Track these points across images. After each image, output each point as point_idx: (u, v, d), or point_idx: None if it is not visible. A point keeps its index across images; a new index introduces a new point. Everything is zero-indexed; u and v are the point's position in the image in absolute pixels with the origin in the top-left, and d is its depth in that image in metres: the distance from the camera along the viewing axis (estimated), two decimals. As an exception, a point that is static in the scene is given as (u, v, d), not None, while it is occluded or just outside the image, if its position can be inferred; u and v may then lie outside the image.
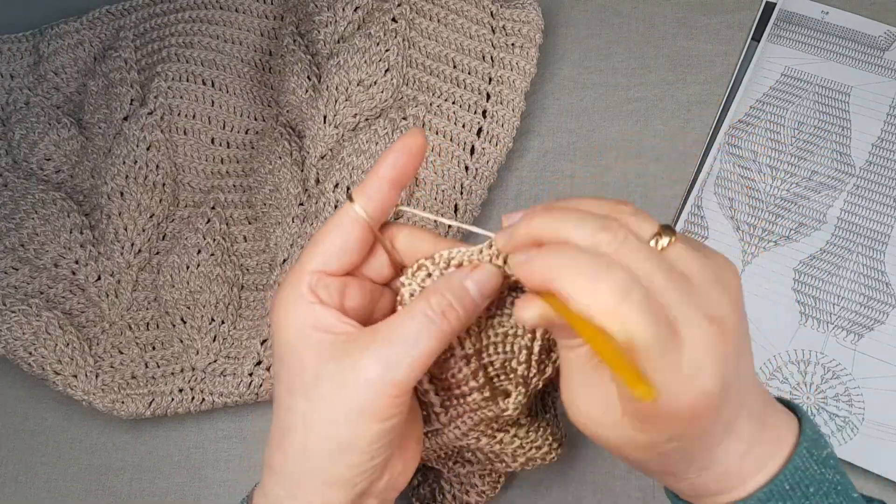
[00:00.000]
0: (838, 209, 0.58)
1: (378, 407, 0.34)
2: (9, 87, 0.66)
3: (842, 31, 0.62)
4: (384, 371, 0.34)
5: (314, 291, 0.36)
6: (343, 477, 0.35)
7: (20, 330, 0.56)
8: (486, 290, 0.36)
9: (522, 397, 0.40)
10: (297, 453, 0.35)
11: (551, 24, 0.65)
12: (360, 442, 0.35)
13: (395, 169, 0.37)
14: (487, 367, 0.40)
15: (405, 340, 0.34)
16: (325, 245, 0.37)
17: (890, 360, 0.54)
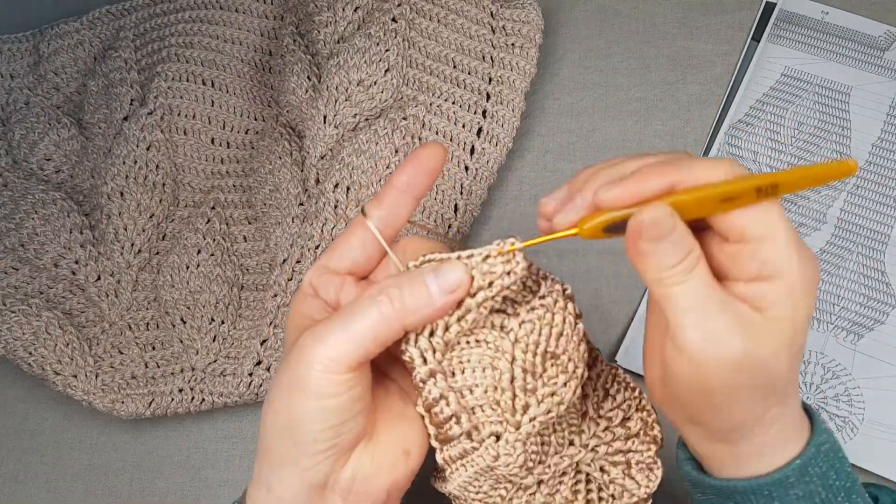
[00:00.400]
0: (838, 209, 0.58)
1: (313, 384, 0.34)
2: (9, 87, 0.66)
3: (842, 32, 0.62)
4: (317, 347, 0.34)
5: (312, 285, 0.38)
6: (292, 456, 0.35)
7: (20, 330, 0.56)
8: (447, 286, 0.35)
9: (518, 444, 0.37)
10: (261, 431, 0.36)
11: (551, 24, 0.65)
12: (301, 419, 0.34)
13: (402, 176, 0.38)
14: (463, 392, 0.37)
15: (343, 318, 0.35)
16: (334, 245, 0.39)
17: (890, 360, 0.54)
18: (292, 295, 0.57)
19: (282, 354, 0.56)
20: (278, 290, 0.57)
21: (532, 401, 0.36)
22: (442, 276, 0.35)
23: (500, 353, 0.36)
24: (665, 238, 0.33)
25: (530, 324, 0.36)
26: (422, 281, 0.35)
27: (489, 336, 0.37)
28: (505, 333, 0.37)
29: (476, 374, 0.37)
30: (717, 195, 0.33)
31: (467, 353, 0.37)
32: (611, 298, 0.58)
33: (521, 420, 0.37)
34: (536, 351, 0.36)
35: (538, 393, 0.37)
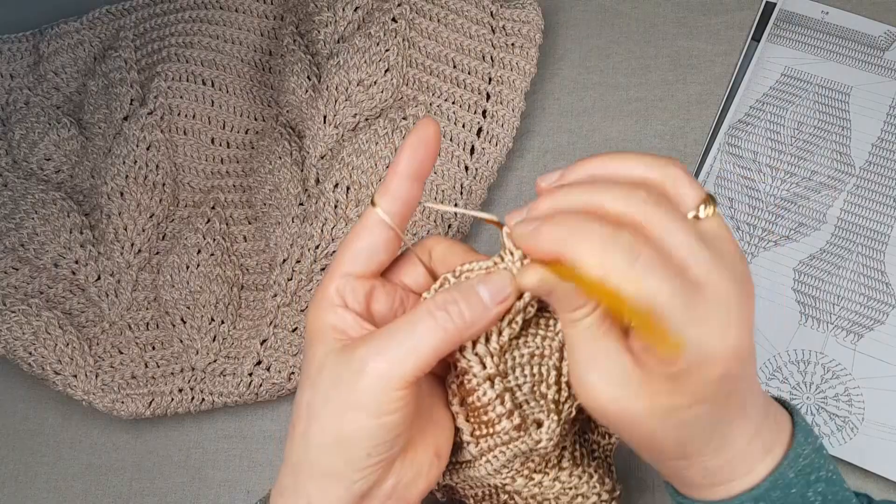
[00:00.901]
0: (838, 209, 0.58)
1: (371, 401, 0.34)
2: (9, 87, 0.66)
3: (842, 31, 0.62)
4: (377, 363, 0.34)
5: (341, 295, 0.37)
6: (340, 471, 0.35)
7: (20, 330, 0.56)
8: (499, 295, 0.36)
9: (556, 426, 0.39)
10: (300, 443, 0.36)
11: (551, 24, 0.65)
12: (355, 436, 0.34)
13: (413, 163, 0.37)
14: (514, 391, 0.38)
15: (402, 334, 0.35)
16: (353, 248, 0.37)
17: (890, 360, 0.54)
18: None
19: (282, 354, 0.56)
20: (278, 290, 0.57)
21: (573, 391, 0.38)
22: (492, 286, 0.36)
23: (548, 352, 0.38)
24: (552, 292, 0.34)
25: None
26: (475, 293, 0.35)
27: (537, 338, 0.38)
28: (553, 334, 0.38)
29: (526, 372, 0.38)
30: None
31: (518, 354, 0.38)
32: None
33: (563, 409, 0.39)
34: None
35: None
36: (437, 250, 0.39)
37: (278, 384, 0.55)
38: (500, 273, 0.36)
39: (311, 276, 0.57)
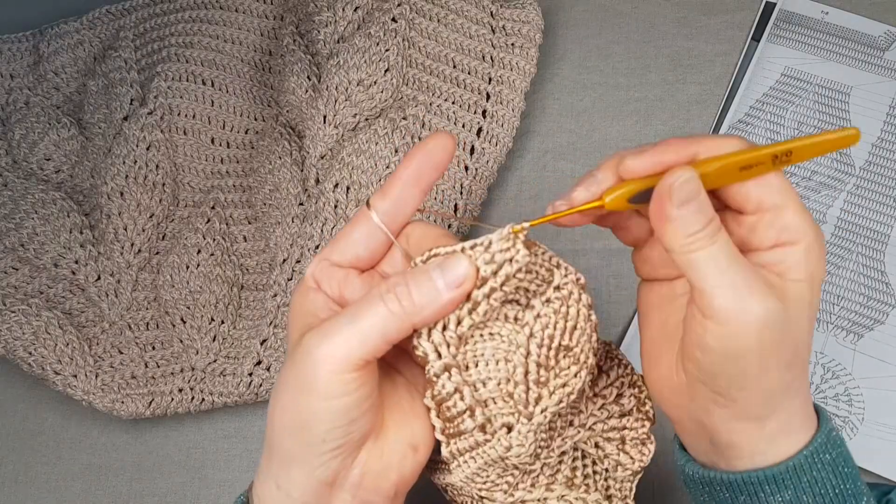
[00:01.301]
0: (838, 209, 0.58)
1: (320, 384, 0.34)
2: (9, 87, 0.66)
3: (842, 31, 0.62)
4: (324, 346, 0.34)
5: (316, 279, 0.37)
6: (300, 455, 0.35)
7: (20, 330, 0.56)
8: (454, 280, 0.35)
9: (528, 431, 0.37)
10: (268, 425, 0.36)
11: (551, 23, 0.65)
12: (309, 420, 0.34)
13: (416, 174, 0.37)
14: (476, 385, 0.36)
15: (348, 317, 0.34)
16: (338, 238, 0.38)
17: (890, 360, 0.54)
18: (292, 293, 0.57)
19: (282, 354, 0.56)
20: (278, 290, 0.57)
21: (545, 392, 0.36)
22: (448, 270, 0.35)
23: (514, 346, 0.36)
24: (692, 201, 0.34)
25: (546, 318, 0.36)
26: (428, 277, 0.35)
27: (503, 329, 0.36)
28: (520, 327, 0.36)
29: (490, 367, 0.36)
30: (737, 163, 0.34)
31: (481, 346, 0.36)
32: (611, 298, 0.58)
33: (534, 411, 0.37)
34: (551, 345, 0.36)
35: (550, 384, 0.37)
36: (414, 235, 0.38)
37: (278, 384, 0.55)
38: (457, 257, 0.35)
39: (311, 276, 0.57)
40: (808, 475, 0.35)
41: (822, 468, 0.35)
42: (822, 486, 0.35)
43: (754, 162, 0.35)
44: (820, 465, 0.35)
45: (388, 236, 0.38)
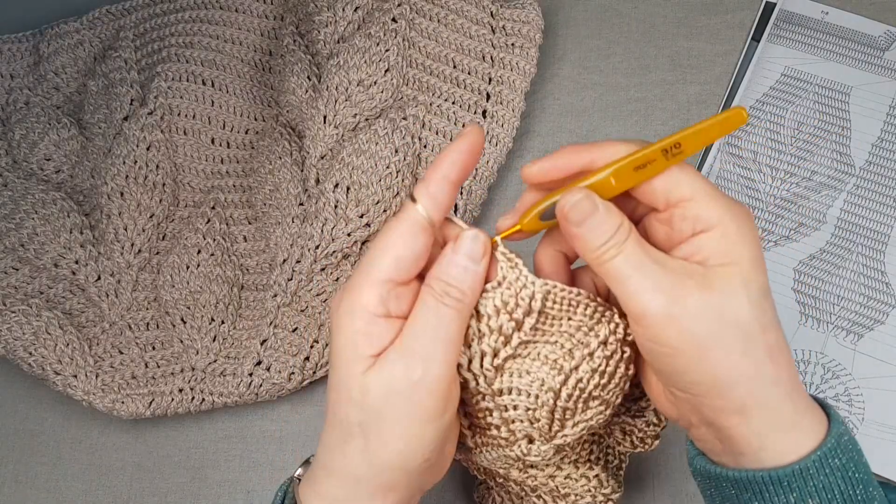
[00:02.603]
0: (838, 209, 0.58)
1: (432, 407, 0.35)
2: (9, 87, 0.66)
3: (842, 31, 0.62)
4: (432, 370, 0.35)
5: (385, 304, 0.36)
6: (402, 482, 0.37)
7: (20, 330, 0.56)
8: (475, 254, 0.36)
9: (548, 449, 0.39)
10: (358, 460, 0.36)
11: (551, 24, 0.65)
12: (418, 447, 0.36)
13: (457, 168, 0.36)
14: (508, 408, 0.38)
15: (432, 331, 0.35)
16: (396, 252, 0.36)
17: (890, 361, 0.54)
18: (292, 295, 0.57)
19: (282, 354, 0.56)
20: (278, 290, 0.57)
21: (568, 424, 0.38)
22: (464, 251, 0.36)
23: (546, 388, 0.38)
24: (589, 218, 0.35)
25: (584, 373, 0.37)
26: (456, 264, 0.36)
27: (541, 371, 0.38)
28: (556, 373, 0.37)
29: (522, 398, 0.38)
30: (629, 165, 0.35)
31: (517, 381, 0.38)
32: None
33: (555, 437, 0.39)
34: (581, 396, 0.38)
35: (575, 418, 0.38)
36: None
37: (278, 384, 0.55)
38: (463, 235, 0.36)
39: (311, 276, 0.57)
40: (814, 479, 0.35)
41: (830, 473, 0.35)
42: (830, 491, 0.35)
43: (645, 161, 0.35)
44: (828, 469, 0.35)
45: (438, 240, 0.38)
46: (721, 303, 0.34)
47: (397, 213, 0.36)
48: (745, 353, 0.34)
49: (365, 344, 0.35)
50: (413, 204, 0.36)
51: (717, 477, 0.37)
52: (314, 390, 0.58)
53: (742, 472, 0.36)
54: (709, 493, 0.39)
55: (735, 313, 0.34)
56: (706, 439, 0.38)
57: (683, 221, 0.36)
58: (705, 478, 0.39)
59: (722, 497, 0.38)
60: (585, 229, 0.35)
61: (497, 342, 0.37)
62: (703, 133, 0.36)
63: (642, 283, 0.34)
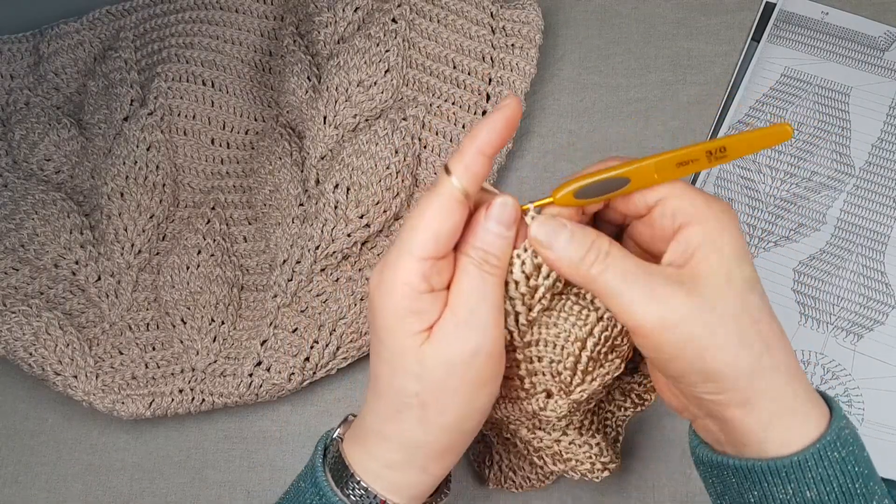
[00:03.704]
0: (838, 209, 0.58)
1: (489, 376, 0.37)
2: (9, 87, 0.66)
3: (842, 32, 0.62)
4: (478, 342, 0.36)
5: (428, 280, 0.36)
6: (458, 444, 0.39)
7: (20, 330, 0.56)
8: (507, 220, 0.37)
9: (564, 405, 0.41)
10: (415, 428, 0.38)
11: (551, 24, 0.65)
12: (475, 412, 0.38)
13: (494, 140, 0.36)
14: (534, 360, 0.41)
15: (480, 304, 0.36)
16: (434, 228, 0.36)
17: (890, 361, 0.54)
18: (292, 296, 0.57)
19: (282, 354, 0.56)
20: (278, 291, 0.57)
21: (587, 378, 0.41)
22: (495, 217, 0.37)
23: (572, 338, 0.39)
24: (558, 237, 0.36)
25: (607, 321, 0.40)
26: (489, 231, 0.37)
27: (567, 322, 0.39)
28: (582, 324, 0.39)
29: (548, 349, 0.40)
30: (673, 159, 0.37)
31: (545, 332, 0.40)
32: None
33: (574, 391, 0.41)
34: (606, 344, 0.40)
35: (594, 373, 0.41)
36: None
37: (278, 385, 0.55)
38: (496, 201, 0.37)
39: (311, 276, 0.57)
40: (813, 471, 0.35)
41: (829, 465, 0.35)
42: (828, 483, 0.35)
43: (688, 158, 0.37)
44: (827, 462, 0.35)
45: (492, 189, 0.38)
46: (710, 301, 0.35)
47: (432, 187, 0.36)
48: (742, 345, 0.35)
49: (415, 320, 0.36)
50: (448, 177, 0.36)
51: (720, 465, 0.38)
52: (314, 391, 0.58)
53: (743, 462, 0.37)
54: (710, 480, 0.40)
55: (724, 309, 0.35)
56: (710, 431, 0.39)
57: (664, 218, 0.37)
58: (708, 466, 0.39)
59: (724, 485, 0.38)
60: (559, 250, 0.36)
61: (529, 302, 0.39)
62: (748, 142, 0.37)
63: (634, 296, 0.35)
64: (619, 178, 0.37)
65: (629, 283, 0.35)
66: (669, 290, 0.35)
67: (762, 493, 0.36)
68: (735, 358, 0.35)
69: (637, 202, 0.38)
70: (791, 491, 0.35)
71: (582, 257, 0.36)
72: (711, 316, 0.35)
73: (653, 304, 0.34)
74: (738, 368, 0.35)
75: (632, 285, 0.35)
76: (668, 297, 0.34)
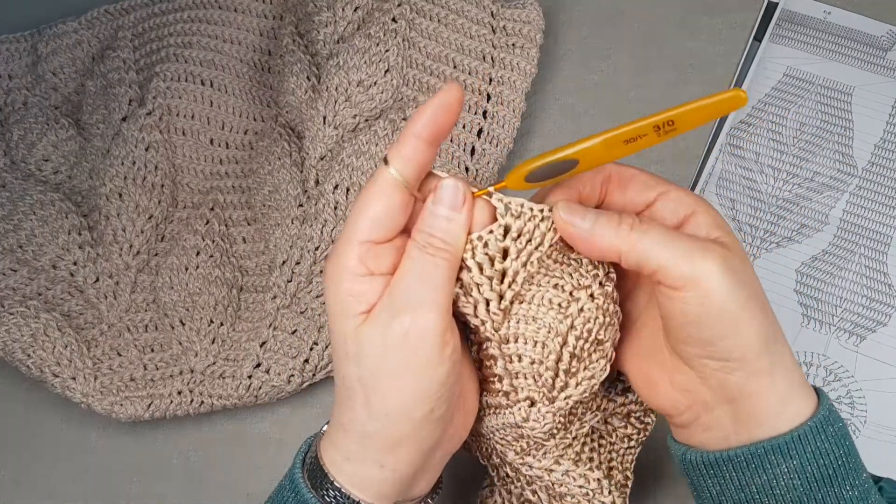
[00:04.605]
0: (840, 210, 0.58)
1: (426, 357, 0.36)
2: (7, 87, 0.66)
3: (844, 31, 0.62)
4: (420, 319, 0.35)
5: (365, 264, 0.36)
6: (409, 435, 0.37)
7: (18, 332, 0.56)
8: (455, 202, 0.37)
9: (549, 414, 0.39)
10: (362, 415, 0.37)
11: (552, 24, 0.64)
12: (417, 397, 0.36)
13: (429, 126, 0.36)
14: (513, 359, 0.39)
15: (419, 283, 0.36)
16: (370, 213, 0.36)
17: (892, 362, 0.54)
18: (291, 297, 0.57)
19: (281, 356, 0.56)
20: (278, 292, 0.57)
21: (571, 382, 0.39)
22: (444, 200, 0.37)
23: (553, 333, 0.38)
24: (587, 212, 0.37)
25: (589, 312, 0.38)
26: (436, 215, 0.37)
27: (547, 316, 0.38)
28: (563, 316, 0.38)
29: (528, 346, 0.38)
30: (619, 137, 0.36)
31: (523, 327, 0.38)
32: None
33: (557, 397, 0.39)
34: (588, 338, 0.38)
35: (579, 375, 0.39)
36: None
37: (277, 387, 0.55)
38: (442, 183, 0.37)
39: (310, 277, 0.57)
40: (812, 445, 0.36)
41: (825, 439, 0.36)
42: (826, 456, 0.36)
43: (636, 134, 0.36)
44: (824, 436, 0.36)
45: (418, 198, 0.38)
46: (742, 270, 0.36)
47: (371, 177, 0.37)
48: (765, 313, 0.36)
49: (353, 302, 0.36)
50: (385, 167, 0.36)
51: (720, 462, 0.38)
52: (314, 393, 0.58)
53: (743, 449, 0.37)
54: (705, 484, 0.39)
55: (750, 279, 0.36)
56: (717, 424, 0.38)
57: (667, 210, 0.38)
58: (703, 468, 0.39)
59: (721, 485, 0.38)
60: (592, 224, 0.36)
61: (499, 288, 0.38)
62: (698, 112, 0.36)
63: (674, 251, 0.35)
64: (568, 159, 0.36)
65: (675, 238, 0.36)
66: (702, 247, 0.35)
67: (768, 477, 0.36)
68: (762, 323, 0.36)
69: (635, 199, 0.39)
70: (794, 467, 0.36)
71: (618, 224, 0.36)
72: (746, 283, 0.36)
73: (706, 256, 0.35)
74: (766, 334, 0.36)
75: (678, 239, 0.36)
76: (705, 251, 0.35)
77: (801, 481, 0.36)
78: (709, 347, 0.36)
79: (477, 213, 0.37)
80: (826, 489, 0.36)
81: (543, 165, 0.37)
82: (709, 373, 0.37)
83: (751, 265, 0.37)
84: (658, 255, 0.35)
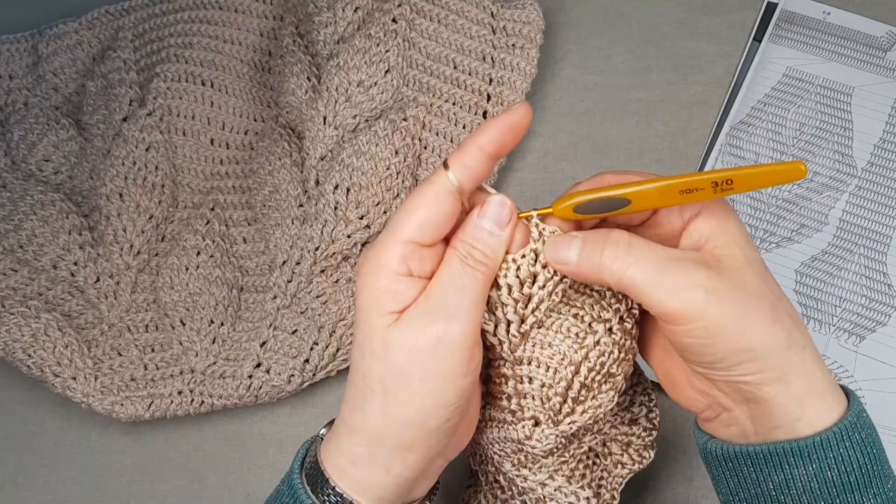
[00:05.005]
0: (840, 210, 0.58)
1: (454, 367, 0.35)
2: (7, 87, 0.66)
3: (843, 32, 0.62)
4: (452, 329, 0.35)
5: (407, 263, 0.36)
6: (421, 441, 0.37)
7: (19, 332, 0.56)
8: (501, 219, 0.37)
9: (552, 436, 0.39)
10: (377, 417, 0.37)
11: (552, 24, 0.64)
12: (437, 406, 0.36)
13: (495, 141, 0.36)
14: (524, 380, 0.39)
15: (455, 293, 0.36)
16: (420, 214, 0.36)
17: (892, 363, 0.54)
18: (292, 297, 0.57)
19: (281, 356, 0.56)
20: (278, 292, 0.57)
21: (578, 409, 0.39)
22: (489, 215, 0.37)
23: (566, 361, 0.38)
24: (569, 247, 0.37)
25: (605, 346, 0.38)
26: (481, 228, 0.37)
27: (563, 344, 0.38)
28: (578, 346, 0.38)
29: (540, 369, 0.39)
30: (676, 186, 0.36)
31: (539, 351, 0.39)
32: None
33: (562, 421, 0.39)
34: (601, 371, 0.39)
35: (586, 404, 0.39)
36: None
37: (278, 386, 0.55)
38: (490, 199, 0.37)
39: (310, 277, 0.57)
40: (834, 451, 0.36)
41: (850, 446, 0.36)
42: (849, 463, 0.36)
43: (692, 186, 0.36)
44: (849, 442, 0.36)
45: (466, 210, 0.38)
46: (739, 281, 0.35)
47: (428, 178, 0.37)
48: (774, 321, 0.36)
49: (388, 300, 0.36)
50: (444, 171, 0.36)
51: (739, 457, 0.38)
52: (314, 393, 0.58)
53: (762, 447, 0.37)
54: (724, 477, 0.39)
55: (752, 288, 0.36)
56: (737, 423, 0.38)
57: (671, 214, 0.38)
58: (722, 461, 0.39)
59: (740, 479, 0.38)
60: (576, 258, 0.36)
61: (522, 311, 0.38)
62: (757, 177, 0.36)
63: (668, 284, 0.35)
64: (621, 198, 0.37)
65: (660, 272, 0.35)
66: (703, 273, 0.35)
67: (785, 477, 0.36)
68: (770, 334, 0.35)
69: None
70: (813, 471, 0.36)
71: (601, 257, 0.36)
72: (743, 295, 0.35)
73: (689, 290, 0.35)
74: (774, 344, 0.35)
75: (663, 274, 0.35)
76: (703, 280, 0.35)
77: (818, 485, 0.36)
78: (716, 365, 0.36)
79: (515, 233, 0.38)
80: (846, 495, 0.36)
81: (595, 200, 0.37)
82: (720, 382, 0.37)
83: (754, 266, 0.37)
84: (646, 295, 0.35)
